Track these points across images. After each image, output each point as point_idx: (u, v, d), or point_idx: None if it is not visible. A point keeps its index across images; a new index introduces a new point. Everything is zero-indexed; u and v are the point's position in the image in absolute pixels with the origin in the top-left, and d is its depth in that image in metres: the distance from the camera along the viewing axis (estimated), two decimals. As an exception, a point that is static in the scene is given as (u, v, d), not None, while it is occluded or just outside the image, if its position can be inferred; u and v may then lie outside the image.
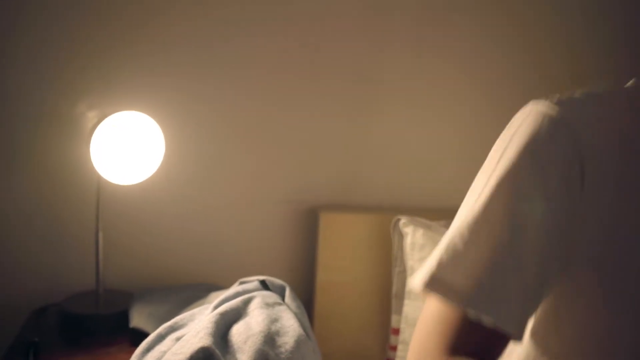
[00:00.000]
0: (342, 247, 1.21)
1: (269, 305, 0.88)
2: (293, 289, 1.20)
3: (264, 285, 0.99)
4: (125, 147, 1.02)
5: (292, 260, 1.28)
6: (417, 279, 0.65)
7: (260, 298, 0.90)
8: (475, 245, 0.63)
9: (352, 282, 1.10)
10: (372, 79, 1.25)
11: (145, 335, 0.88)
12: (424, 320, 0.66)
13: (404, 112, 1.27)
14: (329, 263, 1.21)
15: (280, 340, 0.80)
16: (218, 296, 0.97)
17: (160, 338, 0.84)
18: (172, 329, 0.86)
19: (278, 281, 0.99)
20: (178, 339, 0.82)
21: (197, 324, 0.83)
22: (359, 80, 1.25)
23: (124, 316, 1.05)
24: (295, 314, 0.90)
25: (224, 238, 1.24)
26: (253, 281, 0.99)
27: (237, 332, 0.81)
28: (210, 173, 1.22)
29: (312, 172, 1.27)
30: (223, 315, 0.83)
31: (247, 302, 0.89)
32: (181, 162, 1.18)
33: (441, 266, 0.64)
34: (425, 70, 1.26)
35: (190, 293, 1.10)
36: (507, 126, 0.67)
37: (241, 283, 1.00)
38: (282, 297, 0.97)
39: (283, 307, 0.90)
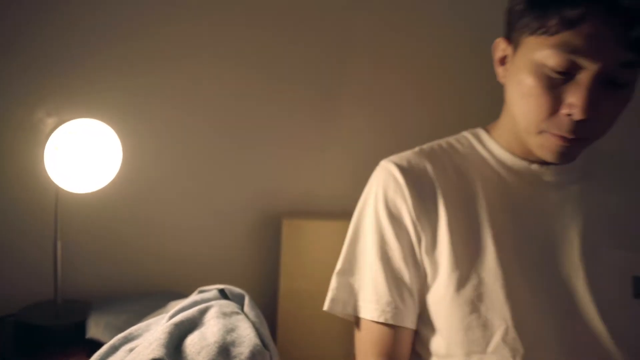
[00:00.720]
0: (305, 254, 1.20)
1: (225, 314, 0.87)
2: (256, 297, 1.18)
3: (223, 294, 0.98)
4: (81, 154, 1.00)
5: (255, 267, 1.27)
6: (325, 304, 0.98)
7: (217, 307, 0.89)
8: (359, 272, 0.96)
9: (316, 289, 1.09)
10: (333, 84, 1.25)
11: (102, 346, 0.87)
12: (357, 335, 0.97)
13: (367, 117, 1.27)
14: (293, 270, 1.20)
15: (235, 351, 0.79)
16: (176, 305, 0.95)
17: (114, 349, 0.83)
18: (127, 340, 0.85)
19: (237, 290, 0.98)
20: (132, 350, 0.81)
21: (152, 334, 0.82)
22: (320, 85, 1.24)
23: (82, 327, 1.03)
24: (254, 324, 0.89)
25: (186, 246, 1.23)
26: (212, 290, 0.97)
27: (192, 342, 0.80)
28: (170, 181, 1.21)
29: (275, 178, 1.26)
30: (177, 325, 0.82)
31: (203, 312, 0.88)
32: (141, 171, 1.16)
33: (341, 289, 0.97)
34: (386, 77, 1.26)
35: (149, 302, 1.08)
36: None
37: (200, 292, 0.98)
38: (242, 306, 0.96)
39: (240, 317, 0.89)
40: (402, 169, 0.95)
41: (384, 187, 0.96)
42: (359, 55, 1.24)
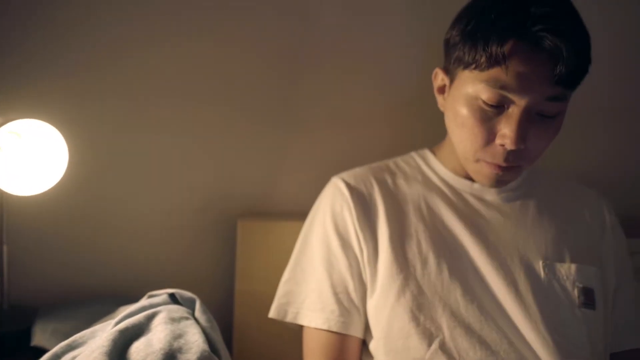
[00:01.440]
0: (261, 255, 1.18)
1: (174, 320, 0.85)
2: (211, 301, 1.17)
3: (174, 298, 0.95)
4: (25, 156, 0.97)
5: (210, 270, 1.25)
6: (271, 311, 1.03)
7: (165, 313, 0.87)
8: (305, 281, 1.01)
9: (273, 291, 1.07)
10: (291, 85, 1.23)
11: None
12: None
13: (324, 119, 1.25)
14: (248, 273, 1.18)
15: (182, 358, 0.77)
16: (126, 310, 0.93)
17: (56, 358, 0.80)
18: (70, 348, 0.82)
19: (188, 294, 0.96)
20: (74, 358, 0.78)
21: (96, 342, 0.80)
22: (278, 86, 1.22)
23: (28, 334, 1.00)
24: (204, 329, 0.87)
25: (137, 249, 1.20)
26: (162, 295, 0.95)
27: (137, 350, 0.77)
28: (120, 183, 1.18)
29: (230, 179, 1.23)
30: (123, 332, 0.80)
31: (150, 318, 0.85)
32: (89, 173, 1.13)
33: (287, 297, 1.02)
34: (345, 81, 1.24)
35: (99, 307, 1.05)
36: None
37: (149, 297, 0.96)
38: (193, 310, 0.94)
39: (190, 322, 0.87)
40: (349, 185, 1.02)
41: (331, 201, 1.02)
42: (318, 57, 1.22)
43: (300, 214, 1.11)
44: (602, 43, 1.24)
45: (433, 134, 1.07)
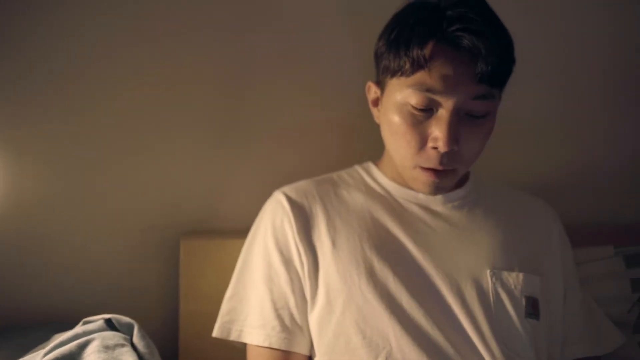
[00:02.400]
0: (206, 275, 1.15)
1: (108, 348, 0.81)
2: (155, 324, 1.14)
3: (111, 324, 0.91)
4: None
5: (153, 292, 1.21)
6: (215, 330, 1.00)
7: (99, 340, 0.82)
8: (247, 298, 0.99)
9: (219, 311, 1.05)
10: (236, 99, 1.20)
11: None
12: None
13: (270, 134, 1.23)
14: (193, 293, 1.15)
15: (116, 388, 0.73)
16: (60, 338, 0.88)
17: (-21, 394, 0.75)
18: (-4, 382, 0.77)
19: (125, 319, 0.91)
20: (-1, 393, 0.73)
21: (23, 375, 0.75)
22: (222, 100, 1.19)
23: (-45, 366, 0.94)
24: (143, 355, 0.84)
25: (74, 272, 1.15)
26: (97, 320, 0.91)
27: (66, 382, 0.73)
28: (55, 202, 1.13)
29: (171, 197, 1.20)
30: (51, 363, 0.75)
31: (83, 346, 0.81)
32: (22, 192, 1.08)
33: (230, 315, 1.00)
34: (292, 95, 1.22)
35: (33, 334, 1.00)
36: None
37: (85, 323, 0.91)
38: (131, 336, 0.89)
39: (125, 349, 0.83)
40: (290, 198, 1.01)
41: (272, 215, 1.00)
42: (263, 71, 1.20)
43: (246, 231, 1.08)
44: (545, 50, 1.28)
45: (380, 147, 1.05)
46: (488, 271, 0.94)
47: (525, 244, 1.01)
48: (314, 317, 0.94)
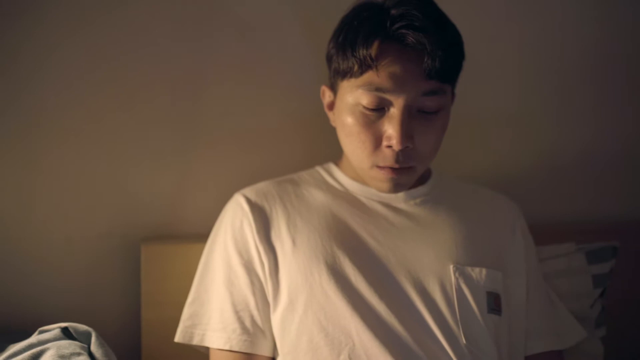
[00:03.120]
0: (168, 280, 1.13)
1: (63, 357, 0.79)
2: (117, 331, 1.11)
3: (67, 333, 0.88)
4: None
5: (114, 299, 1.18)
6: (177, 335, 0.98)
7: (54, 350, 0.80)
8: (209, 301, 0.97)
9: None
10: (195, 99, 1.18)
11: None
12: None
13: (233, 135, 1.21)
14: (155, 299, 1.13)
15: (71, 399, 0.71)
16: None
17: None
18: (-56, 396, 0.74)
19: (83, 327, 0.89)
20: (-53, 408, 0.70)
21: (-27, 388, 0.72)
22: (182, 100, 1.18)
23: None
24: (99, 364, 0.81)
25: (30, 279, 1.12)
26: (53, 329, 0.88)
27: (18, 394, 0.70)
28: (15, 206, 1.10)
29: (131, 201, 1.17)
30: (3, 375, 0.73)
31: (37, 356, 0.78)
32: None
33: (192, 319, 0.98)
34: (251, 96, 1.21)
35: (-13, 346, 0.96)
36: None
37: (40, 332, 0.88)
38: (89, 344, 0.87)
39: (81, 358, 0.80)
40: (249, 200, 1.00)
41: (232, 217, 0.99)
42: (221, 72, 1.19)
43: (207, 234, 1.06)
44: (506, 45, 1.30)
45: (341, 147, 1.05)
46: (451, 267, 0.94)
47: (488, 239, 1.01)
48: (276, 317, 0.93)
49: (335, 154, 1.08)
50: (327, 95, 1.01)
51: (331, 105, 1.00)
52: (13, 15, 1.06)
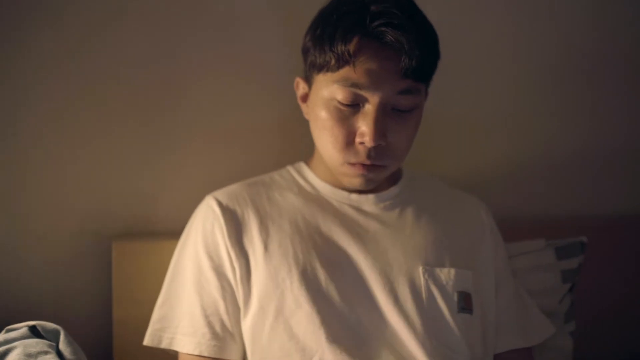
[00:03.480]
0: (140, 278, 1.12)
1: (30, 355, 0.78)
2: (89, 329, 1.10)
3: (36, 331, 0.87)
4: None
5: (86, 298, 1.17)
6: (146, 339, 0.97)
7: (21, 348, 0.79)
8: (179, 305, 0.96)
9: (154, 315, 1.03)
10: (169, 95, 1.18)
11: None
12: None
13: (205, 133, 1.21)
14: (127, 297, 1.12)
15: (37, 397, 0.70)
16: (-18, 348, 0.84)
17: None
18: None
19: (52, 325, 0.88)
20: None
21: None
22: (155, 95, 1.17)
23: None
24: (68, 362, 0.81)
25: (4, 276, 1.11)
26: (21, 328, 0.87)
27: (-17, 393, 0.70)
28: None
29: (103, 197, 1.16)
30: (-33, 374, 0.72)
31: (3, 355, 0.77)
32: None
33: (161, 322, 0.97)
34: (226, 93, 1.21)
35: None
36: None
37: (7, 331, 0.87)
38: (58, 342, 0.86)
39: (49, 356, 0.79)
40: (220, 203, 0.99)
41: (203, 220, 0.98)
42: (198, 69, 1.18)
43: (180, 232, 1.06)
44: (475, 43, 1.31)
45: (312, 147, 1.05)
46: (420, 268, 0.95)
47: (457, 239, 1.02)
48: (247, 323, 0.93)
49: (304, 153, 1.08)
50: (301, 87, 1.00)
51: (305, 97, 1.00)
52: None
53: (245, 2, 1.19)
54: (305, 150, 1.10)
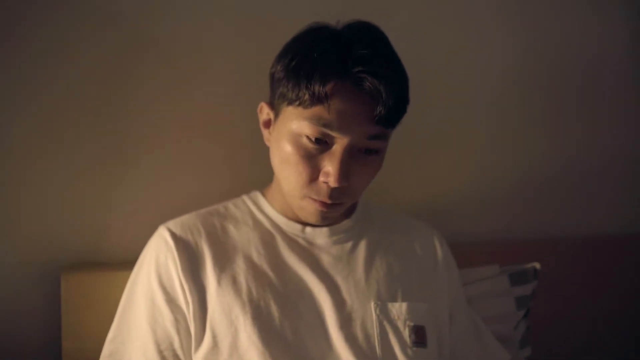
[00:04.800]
0: (90, 310, 1.09)
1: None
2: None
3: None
4: None
5: (33, 330, 1.13)
6: None
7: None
8: (130, 339, 0.93)
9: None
10: (118, 119, 1.16)
11: None
12: None
13: (158, 161, 1.19)
14: (77, 330, 1.09)
15: None
16: None
17: None
18: None
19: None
20: None
21: None
22: (105, 125, 1.15)
23: None
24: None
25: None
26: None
27: None
28: None
29: (51, 227, 1.14)
30: None
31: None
32: None
33: (112, 357, 0.93)
34: (179, 117, 1.20)
35: None
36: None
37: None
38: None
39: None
40: (174, 234, 0.96)
41: (156, 252, 0.95)
42: (148, 96, 1.17)
43: (132, 263, 1.03)
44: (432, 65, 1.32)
45: (270, 175, 1.04)
46: (372, 303, 0.95)
47: (410, 271, 1.02)
48: (199, 358, 0.90)
49: (261, 181, 1.07)
50: (265, 113, 0.98)
51: (268, 124, 0.97)
52: None
53: (204, 28, 1.18)
54: (259, 177, 1.09)
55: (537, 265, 1.24)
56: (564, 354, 1.37)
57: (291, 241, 0.99)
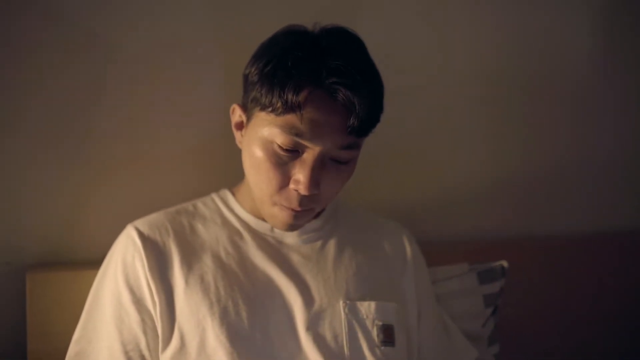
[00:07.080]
0: (57, 310, 1.08)
1: None
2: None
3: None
4: None
5: (0, 331, 1.12)
6: None
7: None
8: (97, 339, 0.92)
9: (71, 348, 0.99)
10: (88, 119, 1.15)
11: None
12: None
13: (126, 158, 1.18)
14: (43, 330, 1.07)
15: None
16: None
17: None
18: None
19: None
20: None
21: None
22: (71, 122, 1.14)
23: None
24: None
25: None
26: None
27: None
28: None
29: (16, 225, 1.12)
30: None
31: None
32: None
33: (78, 358, 0.92)
34: (148, 118, 1.19)
35: None
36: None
37: None
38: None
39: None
40: (142, 233, 0.95)
41: (123, 251, 0.94)
42: (117, 92, 1.15)
43: (99, 262, 1.02)
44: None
45: (241, 174, 1.03)
46: (341, 302, 0.95)
47: (379, 270, 1.02)
48: (166, 359, 0.90)
49: (231, 180, 1.07)
50: (237, 115, 0.97)
51: (240, 125, 0.96)
52: None
53: (176, 27, 1.18)
54: (228, 176, 1.08)
55: (505, 263, 1.25)
56: (532, 351, 1.38)
57: (260, 240, 0.99)
